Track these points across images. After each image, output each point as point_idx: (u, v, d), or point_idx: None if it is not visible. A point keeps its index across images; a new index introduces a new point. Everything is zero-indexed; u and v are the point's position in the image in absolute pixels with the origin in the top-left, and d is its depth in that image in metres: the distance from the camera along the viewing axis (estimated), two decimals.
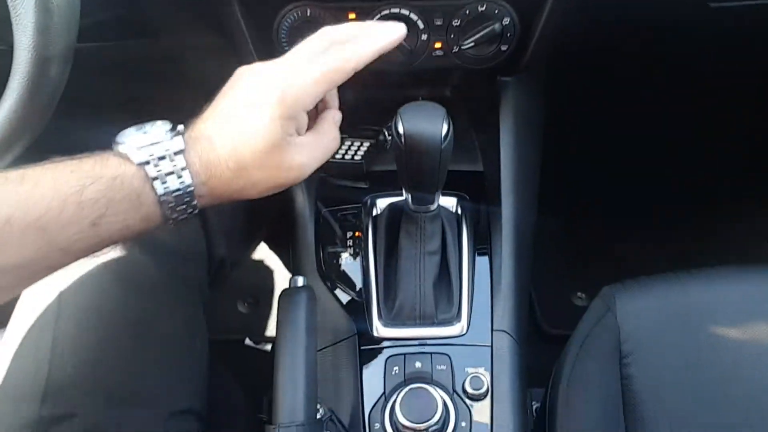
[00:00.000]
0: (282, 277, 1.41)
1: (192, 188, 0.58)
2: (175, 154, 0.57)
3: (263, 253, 1.41)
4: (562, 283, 1.46)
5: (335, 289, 0.86)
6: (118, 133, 0.60)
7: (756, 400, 0.81)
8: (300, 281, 0.74)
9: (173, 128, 0.60)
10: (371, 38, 0.65)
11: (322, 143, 0.66)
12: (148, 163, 0.56)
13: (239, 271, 1.35)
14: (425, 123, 0.71)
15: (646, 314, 0.86)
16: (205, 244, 0.85)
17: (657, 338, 0.85)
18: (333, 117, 0.69)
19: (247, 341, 1.37)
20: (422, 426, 0.70)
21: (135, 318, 0.72)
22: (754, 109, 1.46)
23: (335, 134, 0.68)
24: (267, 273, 1.41)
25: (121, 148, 0.58)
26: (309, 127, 0.66)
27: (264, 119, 0.59)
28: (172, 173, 0.57)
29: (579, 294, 1.45)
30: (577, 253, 1.50)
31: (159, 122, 0.60)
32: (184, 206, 0.58)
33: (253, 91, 0.61)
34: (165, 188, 0.57)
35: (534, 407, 1.10)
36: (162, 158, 0.57)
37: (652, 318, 0.86)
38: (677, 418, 0.81)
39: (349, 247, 0.90)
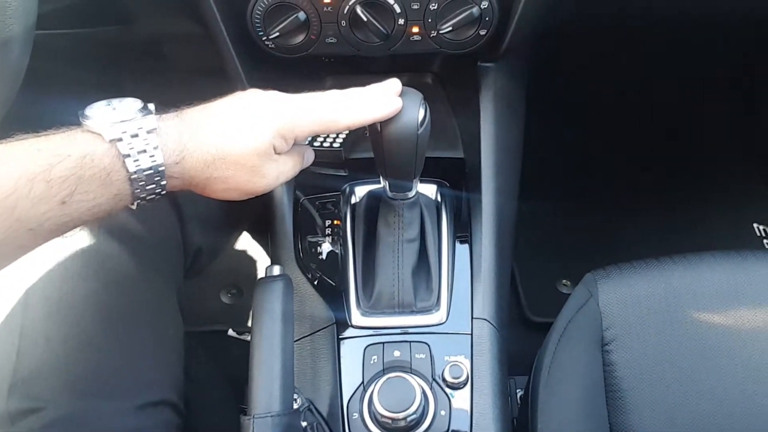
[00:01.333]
0: (265, 267, 1.40)
1: (163, 168, 0.58)
2: (148, 132, 0.57)
3: (246, 242, 1.39)
4: (547, 270, 1.45)
5: (314, 279, 0.85)
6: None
7: (740, 385, 0.81)
8: (276, 270, 0.73)
9: (144, 107, 0.60)
10: (371, 108, 0.69)
11: (289, 165, 0.70)
12: (120, 140, 0.56)
13: (221, 260, 1.34)
14: (402, 109, 0.70)
15: (628, 300, 0.86)
16: (180, 232, 0.83)
17: (640, 325, 0.84)
18: (305, 151, 0.75)
19: (230, 332, 1.36)
20: (400, 415, 0.69)
21: (104, 308, 0.71)
22: (739, 92, 1.45)
23: (298, 163, 0.73)
24: (250, 263, 1.40)
25: (89, 124, 0.57)
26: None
27: (264, 127, 0.63)
28: (144, 151, 0.57)
29: (564, 281, 1.44)
30: (562, 239, 1.49)
31: (128, 99, 0.60)
32: (154, 185, 0.59)
33: (264, 104, 0.66)
34: (137, 166, 0.57)
35: (518, 395, 1.10)
36: (135, 136, 0.57)
37: (635, 304, 0.85)
38: (660, 404, 0.80)
39: (328, 235, 0.88)
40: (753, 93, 1.59)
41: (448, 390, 0.75)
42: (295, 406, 0.68)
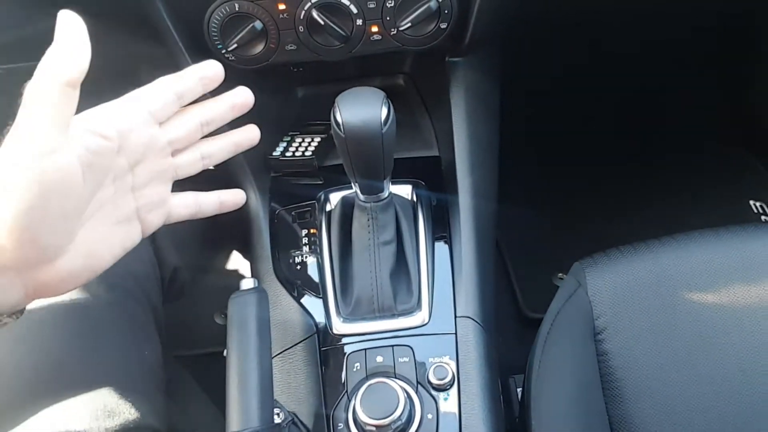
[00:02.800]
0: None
1: None
2: None
3: (236, 261, 1.38)
4: (542, 265, 1.43)
5: (294, 289, 0.83)
6: None
7: (740, 365, 0.78)
8: (247, 284, 0.72)
9: None
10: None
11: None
12: None
13: (213, 281, 1.33)
14: (364, 108, 0.69)
15: (617, 287, 0.83)
16: (153, 253, 0.82)
17: (631, 311, 0.82)
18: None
19: (226, 353, 1.34)
20: (385, 422, 0.67)
21: (74, 333, 0.70)
22: (726, 67, 1.43)
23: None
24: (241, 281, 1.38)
25: None
26: None
27: None
28: None
29: (559, 275, 1.41)
30: (556, 233, 1.47)
31: None
32: None
33: None
34: None
35: (519, 395, 1.08)
36: None
37: (624, 290, 0.83)
38: (659, 392, 0.78)
39: (306, 245, 0.87)
40: (741, 67, 1.57)
41: (434, 392, 0.73)
42: (278, 420, 0.67)
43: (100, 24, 0.89)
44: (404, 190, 0.87)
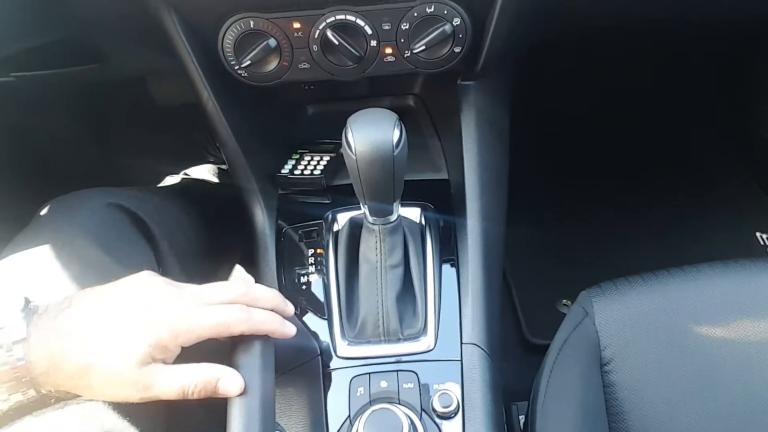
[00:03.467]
0: None
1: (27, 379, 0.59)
2: (14, 343, 0.59)
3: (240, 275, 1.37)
4: (546, 290, 1.42)
5: (299, 309, 0.82)
6: None
7: (749, 402, 0.77)
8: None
9: (26, 305, 0.62)
10: (270, 322, 0.68)
11: (190, 373, 0.64)
12: None
13: None
14: (376, 130, 0.68)
15: (625, 317, 0.82)
16: (158, 270, 0.81)
17: (639, 342, 0.81)
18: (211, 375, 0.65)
19: None
20: None
21: None
22: (733, 101, 1.43)
23: (192, 380, 0.64)
24: None
25: None
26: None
27: (139, 339, 0.61)
28: (6, 364, 0.59)
29: (564, 301, 1.40)
30: (560, 259, 1.46)
31: (11, 293, 0.63)
32: (19, 394, 0.60)
33: (146, 307, 0.63)
34: None
35: (521, 422, 1.06)
36: None
37: (632, 321, 0.82)
38: (666, 426, 0.77)
39: (311, 264, 0.86)
40: (748, 100, 1.57)
41: (438, 420, 0.72)
42: None
43: (111, 34, 0.90)
44: (413, 213, 0.87)
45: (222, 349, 0.70)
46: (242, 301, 0.67)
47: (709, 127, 1.53)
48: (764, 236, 1.50)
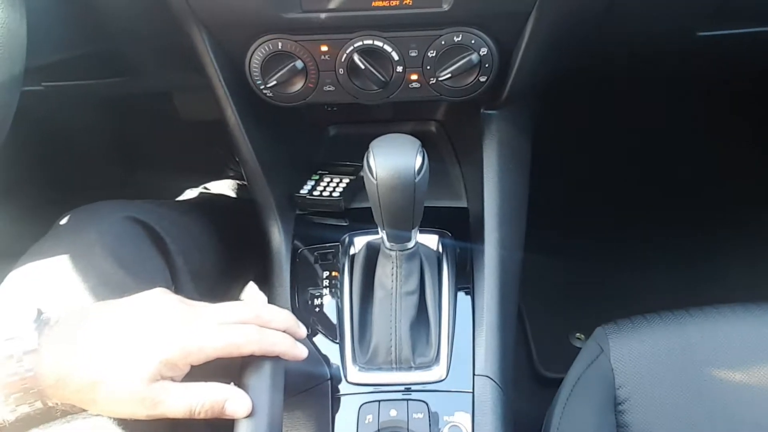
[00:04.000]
0: None
1: (35, 390, 0.59)
2: (25, 353, 0.59)
3: (254, 297, 1.37)
4: (559, 323, 1.40)
5: (310, 331, 0.82)
6: None
7: None
8: None
9: (38, 316, 0.62)
10: (281, 344, 0.68)
11: (199, 392, 0.64)
12: None
13: None
14: (398, 156, 0.68)
15: (642, 356, 0.81)
16: (173, 287, 0.81)
17: (655, 383, 0.80)
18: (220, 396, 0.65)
19: None
20: None
21: None
22: (754, 139, 1.42)
23: (199, 400, 0.64)
24: None
25: None
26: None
27: (149, 356, 0.61)
28: (15, 374, 0.59)
29: (578, 335, 1.39)
30: (576, 291, 1.45)
31: (27, 303, 0.64)
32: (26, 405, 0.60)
33: (157, 324, 0.63)
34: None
35: None
36: (10, 356, 0.59)
37: (649, 360, 0.81)
38: None
39: (326, 287, 0.86)
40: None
41: None
42: None
43: (142, 49, 0.92)
44: (430, 240, 0.86)
45: (232, 366, 0.70)
46: (255, 323, 0.67)
47: (732, 168, 1.51)
48: None
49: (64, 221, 0.83)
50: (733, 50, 0.94)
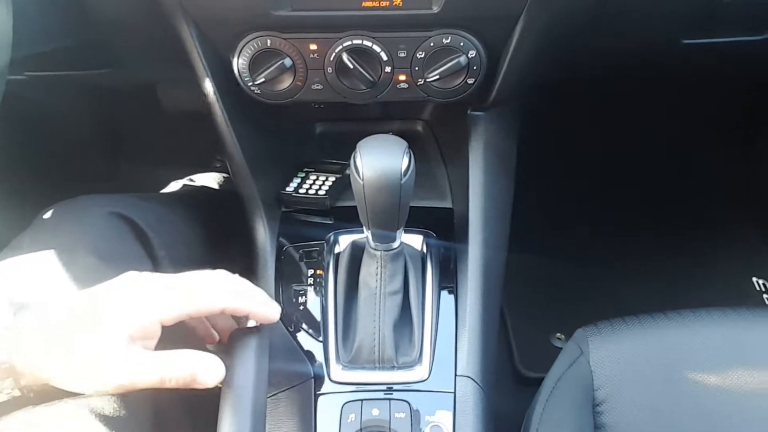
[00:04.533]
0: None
1: None
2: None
3: None
4: (540, 323, 1.42)
5: (294, 329, 0.82)
6: None
7: None
8: (252, 321, 0.70)
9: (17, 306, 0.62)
10: (256, 298, 0.67)
11: (157, 365, 0.61)
12: None
13: None
14: (385, 157, 0.68)
15: (620, 359, 0.82)
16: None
17: (633, 385, 0.81)
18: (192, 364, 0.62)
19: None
20: None
21: None
22: (734, 145, 1.45)
23: (171, 370, 0.61)
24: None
25: None
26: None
27: (116, 329, 0.59)
28: None
29: (558, 335, 1.40)
30: (557, 292, 1.46)
31: None
32: None
33: (119, 299, 0.62)
34: None
35: None
36: None
37: (627, 363, 0.82)
38: None
39: (311, 285, 0.86)
40: (750, 144, 1.59)
41: None
42: None
43: (128, 40, 0.91)
44: (415, 240, 0.87)
45: (207, 334, 0.70)
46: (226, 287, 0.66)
47: (712, 172, 1.54)
48: (761, 281, 1.51)
49: (47, 215, 0.83)
50: (718, 59, 0.95)
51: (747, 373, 0.81)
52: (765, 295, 1.49)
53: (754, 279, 1.51)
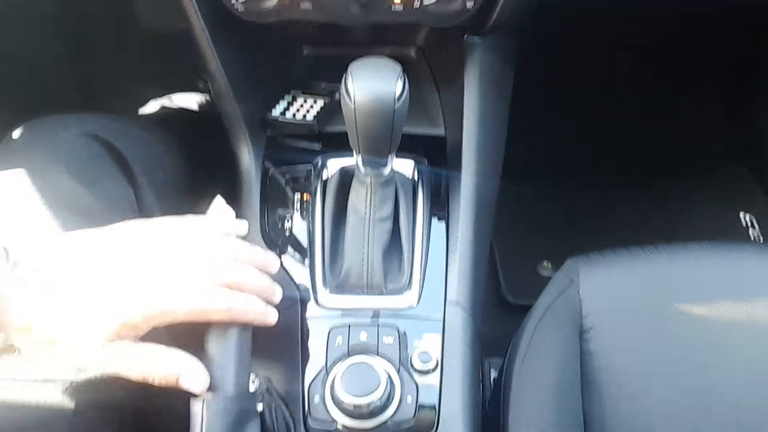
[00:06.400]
0: None
1: None
2: None
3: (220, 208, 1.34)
4: (527, 251, 1.42)
5: (280, 254, 0.81)
6: None
7: (723, 381, 0.78)
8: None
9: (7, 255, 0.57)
10: (251, 312, 0.65)
11: (142, 363, 0.60)
12: None
13: None
14: (378, 81, 0.66)
15: (609, 289, 0.82)
16: (135, 203, 0.78)
17: (620, 314, 0.81)
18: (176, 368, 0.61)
19: None
20: (363, 401, 0.65)
21: None
22: (724, 80, 1.42)
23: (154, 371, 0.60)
24: None
25: None
26: None
27: (105, 322, 0.57)
28: None
29: (545, 264, 1.41)
30: (544, 221, 1.46)
31: None
32: None
33: (117, 286, 0.59)
34: None
35: (492, 377, 1.07)
36: None
37: (616, 293, 0.82)
38: (638, 397, 0.78)
39: (297, 210, 0.84)
40: (739, 81, 1.57)
41: (416, 376, 0.71)
42: (253, 387, 0.65)
43: None
44: (406, 166, 0.85)
45: (198, 331, 0.66)
46: (226, 255, 0.64)
47: (705, 108, 1.52)
48: (747, 217, 1.51)
49: (17, 135, 0.79)
50: None
51: (733, 306, 0.82)
52: (751, 230, 1.50)
53: (741, 214, 1.52)
